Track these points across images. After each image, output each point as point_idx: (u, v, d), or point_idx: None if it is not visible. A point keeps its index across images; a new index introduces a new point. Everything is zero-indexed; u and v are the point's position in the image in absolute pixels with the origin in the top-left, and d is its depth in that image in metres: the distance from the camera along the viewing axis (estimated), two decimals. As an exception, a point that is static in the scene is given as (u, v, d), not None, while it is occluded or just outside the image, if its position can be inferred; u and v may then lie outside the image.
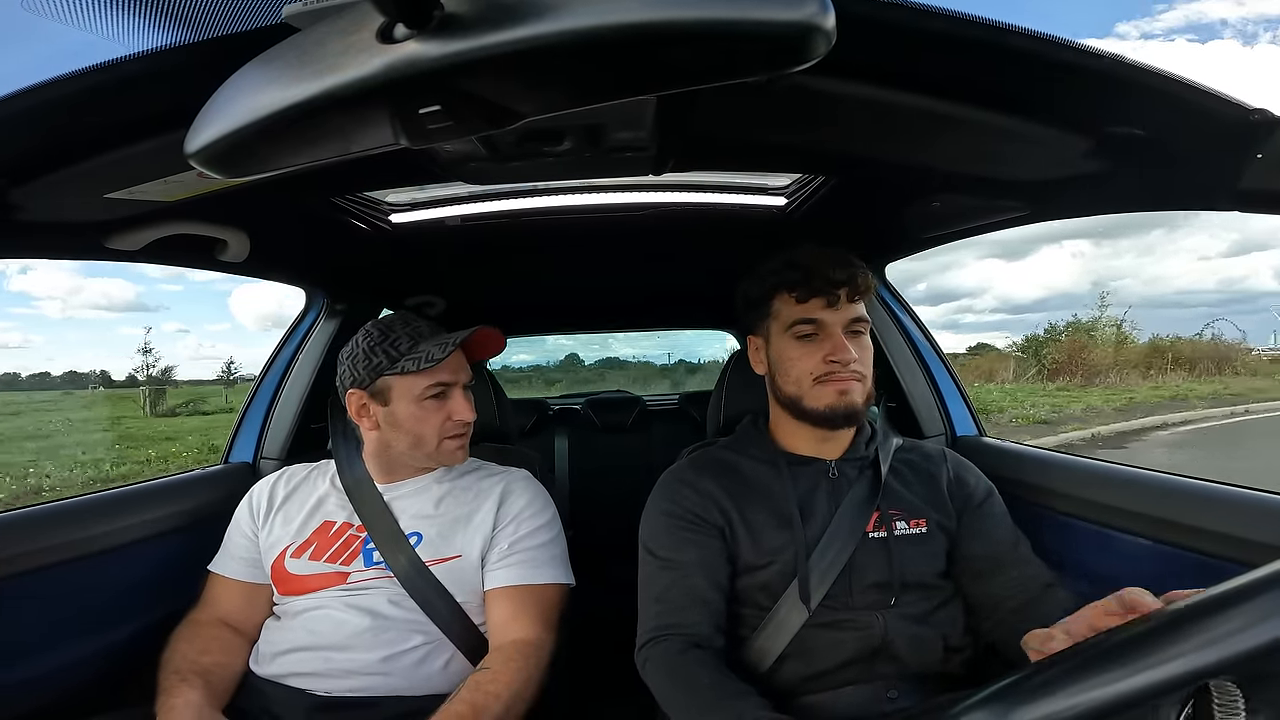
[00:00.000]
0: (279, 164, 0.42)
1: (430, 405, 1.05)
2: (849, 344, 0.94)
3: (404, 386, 1.04)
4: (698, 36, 0.32)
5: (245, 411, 1.56)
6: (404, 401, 1.04)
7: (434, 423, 1.05)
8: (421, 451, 1.07)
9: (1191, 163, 0.68)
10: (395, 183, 1.20)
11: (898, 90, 0.64)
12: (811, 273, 0.94)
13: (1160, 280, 61.57)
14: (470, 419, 1.07)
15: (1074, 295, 63.55)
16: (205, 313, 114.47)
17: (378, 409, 1.06)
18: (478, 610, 1.04)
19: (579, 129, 0.77)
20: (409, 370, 1.02)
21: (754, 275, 1.02)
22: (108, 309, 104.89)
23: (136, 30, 0.50)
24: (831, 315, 0.95)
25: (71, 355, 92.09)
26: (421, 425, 1.05)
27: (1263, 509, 0.83)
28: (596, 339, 10.19)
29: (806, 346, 0.95)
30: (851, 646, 0.89)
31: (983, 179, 0.90)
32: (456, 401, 1.06)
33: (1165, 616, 0.37)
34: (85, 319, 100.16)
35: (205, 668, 0.96)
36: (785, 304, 0.97)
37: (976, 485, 1.02)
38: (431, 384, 1.04)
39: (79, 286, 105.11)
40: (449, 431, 1.06)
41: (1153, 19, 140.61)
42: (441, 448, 1.07)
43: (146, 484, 1.30)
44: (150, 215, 0.89)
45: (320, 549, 1.05)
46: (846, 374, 0.94)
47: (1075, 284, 63.25)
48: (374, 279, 1.64)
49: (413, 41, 0.32)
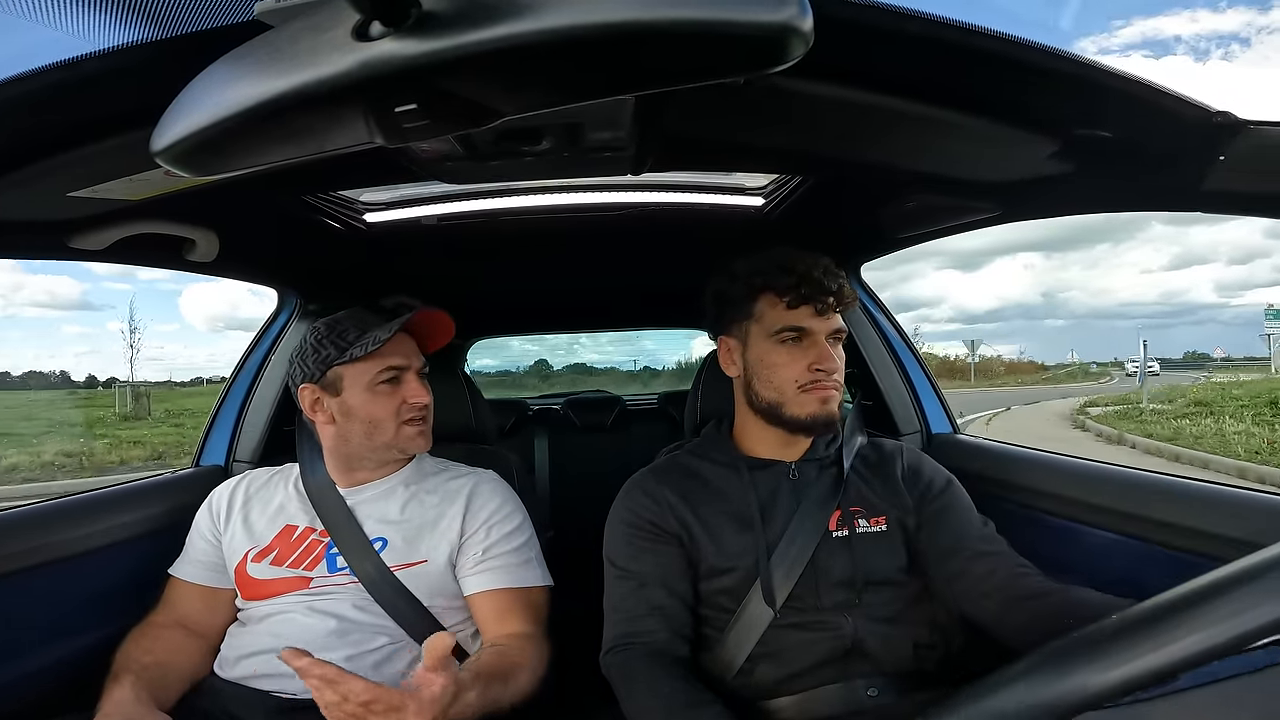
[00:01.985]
0: (249, 162, 0.41)
1: (383, 390, 1.04)
2: (831, 353, 0.94)
3: (355, 374, 1.04)
4: (676, 37, 0.32)
5: (216, 414, 1.53)
6: (356, 390, 1.04)
7: (389, 407, 1.05)
8: (380, 440, 1.05)
9: (1157, 165, 0.69)
10: (370, 182, 1.19)
11: (874, 92, 0.65)
12: (805, 279, 0.93)
13: (1106, 293, 63.52)
14: (425, 401, 1.06)
15: (1026, 305, 65.22)
16: (154, 312, 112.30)
17: (331, 401, 1.06)
18: (447, 613, 1.03)
19: (557, 128, 0.77)
20: (358, 357, 1.01)
21: (732, 275, 1.00)
22: (51, 306, 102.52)
23: (103, 27, 0.48)
24: (819, 324, 0.94)
25: (12, 354, 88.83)
26: (376, 411, 1.04)
27: (1226, 503, 0.86)
28: (563, 345, 10.17)
29: (792, 352, 0.94)
30: (823, 647, 0.89)
31: (956, 180, 0.92)
32: (410, 386, 1.06)
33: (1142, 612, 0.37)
34: (27, 317, 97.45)
35: (144, 665, 0.94)
36: (772, 307, 0.96)
37: (934, 476, 1.02)
38: (382, 368, 1.04)
39: (20, 283, 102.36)
40: (405, 415, 1.05)
41: (1110, 35, 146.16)
42: (400, 433, 1.06)
43: (116, 488, 1.27)
44: (115, 214, 0.87)
45: (282, 554, 1.04)
46: (829, 383, 0.94)
47: (1026, 294, 64.90)
48: (348, 279, 1.62)
49: (389, 39, 0.32)
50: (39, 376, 51.81)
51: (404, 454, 1.09)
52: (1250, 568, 0.36)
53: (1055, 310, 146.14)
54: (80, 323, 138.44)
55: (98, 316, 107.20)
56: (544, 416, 2.57)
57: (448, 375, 1.39)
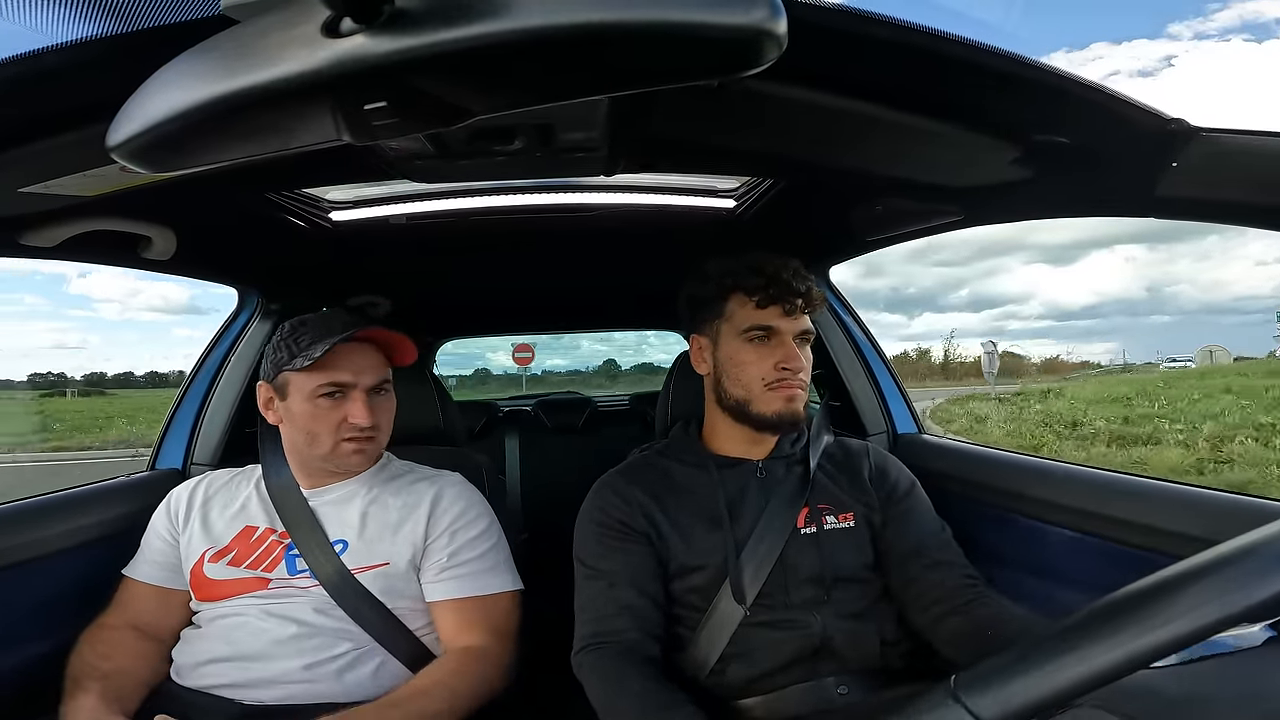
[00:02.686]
0: (211, 159, 0.40)
1: (323, 404, 1.01)
2: (798, 353, 0.96)
3: (299, 383, 1.02)
4: (650, 38, 0.32)
5: (173, 415, 1.48)
6: (298, 398, 1.02)
7: (327, 423, 1.02)
8: (317, 452, 1.03)
9: (1112, 170, 0.71)
10: (337, 180, 1.16)
11: (844, 96, 0.66)
12: (774, 280, 0.95)
13: (1219, 286, 65.20)
14: (364, 423, 1.02)
15: (1128, 300, 66.04)
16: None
17: (280, 404, 1.05)
18: (411, 615, 1.02)
19: (530, 128, 0.77)
20: (300, 367, 0.99)
21: (704, 276, 1.02)
22: (164, 311, 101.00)
23: (64, 21, 0.47)
24: (787, 324, 0.96)
25: (131, 355, 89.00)
26: (314, 424, 1.02)
27: (1185, 502, 0.88)
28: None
29: (760, 351, 0.97)
30: (792, 646, 0.90)
31: (922, 184, 0.93)
32: (354, 404, 1.02)
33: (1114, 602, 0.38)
34: (143, 320, 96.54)
35: (105, 673, 0.92)
36: (742, 307, 0.98)
37: (899, 478, 1.05)
38: (323, 383, 1.01)
39: (137, 289, 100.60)
40: (345, 434, 1.02)
41: (1206, 19, 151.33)
42: (337, 450, 1.03)
43: (69, 492, 1.22)
44: (67, 211, 0.84)
45: (241, 555, 1.02)
46: (795, 381, 0.96)
47: (1128, 289, 65.92)
48: (312, 278, 1.59)
49: (360, 36, 0.31)
50: (158, 376, 53.75)
51: (342, 470, 1.07)
52: (1188, 570, 0.37)
53: (1162, 305, 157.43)
54: (188, 326, 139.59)
55: (204, 320, 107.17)
56: (515, 418, 2.55)
57: (416, 377, 1.37)
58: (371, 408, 1.03)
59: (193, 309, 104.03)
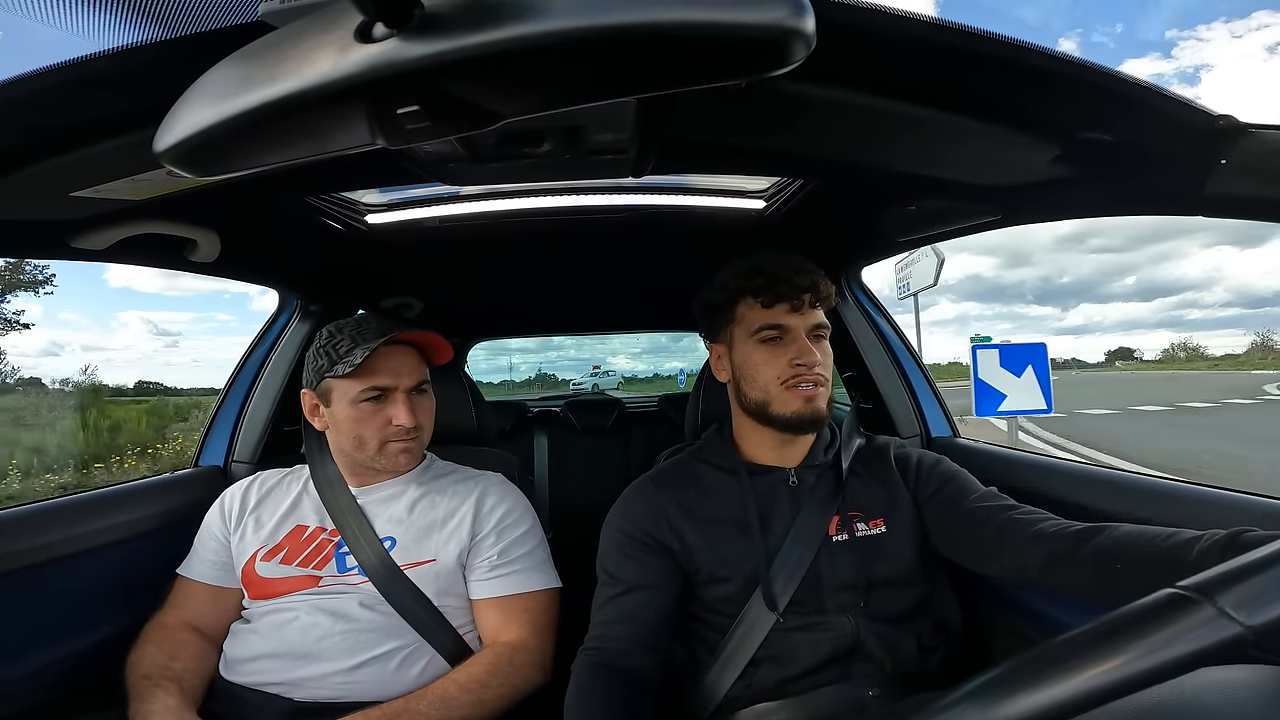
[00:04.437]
0: (252, 163, 0.41)
1: (366, 409, 1.04)
2: (812, 348, 0.95)
3: (341, 389, 1.05)
4: (678, 39, 0.32)
5: (216, 414, 1.53)
6: (342, 404, 1.05)
7: (372, 426, 1.05)
8: (364, 454, 1.06)
9: (1158, 168, 0.69)
10: (371, 183, 1.19)
11: (875, 95, 0.65)
12: (776, 278, 0.95)
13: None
14: (408, 424, 1.05)
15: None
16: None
17: (325, 410, 1.07)
18: (456, 613, 1.03)
19: (558, 131, 0.77)
20: (341, 374, 1.02)
21: (715, 285, 1.03)
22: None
23: (108, 27, 0.48)
24: (796, 320, 0.96)
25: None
26: (360, 428, 1.05)
27: (1226, 506, 0.85)
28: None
29: (773, 350, 0.96)
30: (826, 648, 0.90)
31: (958, 183, 0.92)
32: (396, 406, 1.05)
33: None
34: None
35: (177, 673, 0.94)
36: (750, 309, 0.98)
37: (921, 459, 1.04)
38: (365, 388, 1.03)
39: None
40: (391, 436, 1.05)
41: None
42: (384, 451, 1.06)
43: (115, 488, 1.27)
44: (117, 214, 0.87)
45: (292, 553, 1.04)
46: (812, 376, 0.95)
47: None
48: (349, 280, 1.62)
49: (392, 40, 0.32)
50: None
51: (390, 470, 1.09)
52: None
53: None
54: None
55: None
56: (544, 418, 2.57)
57: (449, 377, 1.39)
58: (413, 408, 1.06)
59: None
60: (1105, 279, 40.96)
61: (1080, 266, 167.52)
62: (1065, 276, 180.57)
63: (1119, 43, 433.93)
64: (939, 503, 0.98)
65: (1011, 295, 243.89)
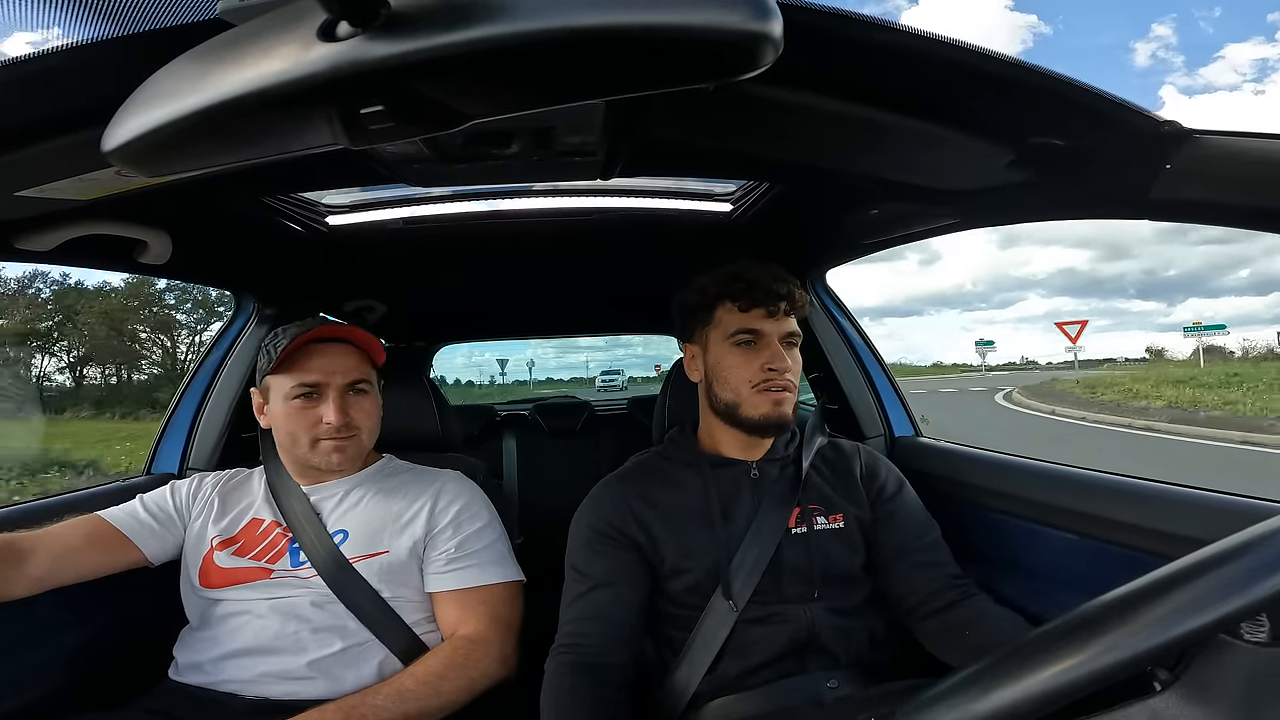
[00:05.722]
0: (205, 163, 0.39)
1: (297, 405, 1.05)
2: (784, 354, 0.99)
3: (278, 386, 1.07)
4: (647, 42, 0.32)
5: (169, 419, 1.48)
6: (278, 400, 1.07)
7: (303, 423, 1.05)
8: (299, 451, 1.07)
9: (1106, 173, 0.72)
10: (333, 184, 1.16)
11: (842, 99, 0.66)
12: (755, 284, 0.98)
13: None
14: (335, 423, 1.04)
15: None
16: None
17: (266, 407, 1.09)
18: (410, 608, 1.03)
19: (527, 132, 0.77)
20: (270, 370, 1.05)
21: (694, 287, 1.05)
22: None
23: (60, 24, 0.46)
24: (771, 326, 0.99)
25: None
26: (291, 424, 1.06)
27: (1183, 503, 0.87)
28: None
29: (746, 354, 0.99)
30: (783, 639, 0.92)
31: (919, 187, 0.94)
32: (326, 404, 1.05)
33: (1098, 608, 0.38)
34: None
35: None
36: (728, 313, 1.01)
37: (888, 477, 1.08)
38: (295, 384, 1.05)
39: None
40: (321, 434, 1.05)
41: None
42: (317, 449, 1.06)
43: (66, 496, 1.22)
44: (63, 214, 0.84)
45: (247, 546, 1.05)
46: (782, 382, 0.98)
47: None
48: (309, 283, 1.58)
49: (356, 40, 0.31)
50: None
51: (326, 468, 1.09)
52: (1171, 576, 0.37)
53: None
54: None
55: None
56: (513, 422, 2.55)
57: (412, 382, 1.36)
58: (347, 407, 1.06)
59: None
60: (1216, 272, 39.47)
61: (1188, 259, 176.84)
62: (1171, 269, 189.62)
63: (1218, 27, 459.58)
64: (889, 527, 1.02)
65: (1110, 290, 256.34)
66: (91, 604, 1.09)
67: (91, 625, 1.09)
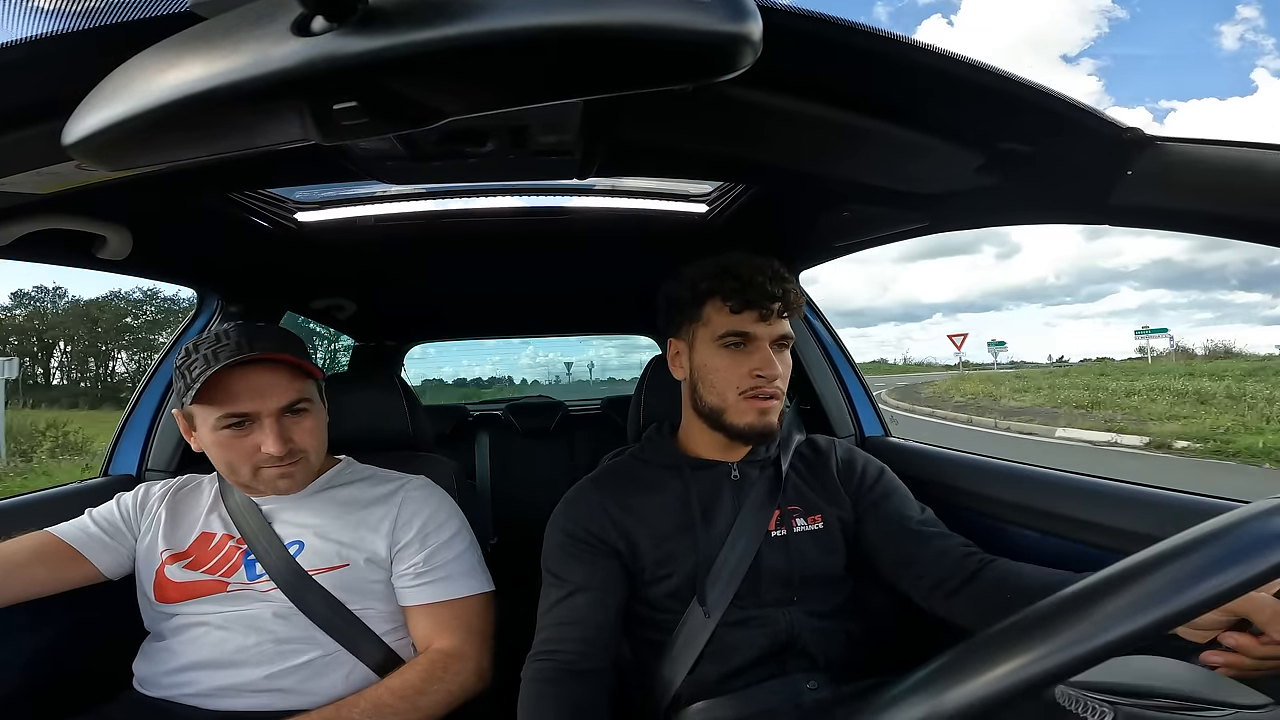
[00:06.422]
0: (171, 156, 0.38)
1: (228, 435, 0.94)
2: (774, 359, 0.95)
3: (203, 416, 0.95)
4: (626, 42, 0.32)
5: (127, 419, 1.43)
6: (205, 430, 0.96)
7: (239, 453, 0.96)
8: (240, 481, 1.00)
9: (1069, 178, 0.73)
10: (303, 179, 1.14)
11: (819, 102, 0.66)
12: (749, 284, 0.93)
13: None
14: (277, 453, 0.94)
15: None
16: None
17: (195, 434, 1.00)
18: (379, 619, 1.00)
19: (503, 130, 0.76)
20: (190, 402, 0.93)
21: (683, 279, 1.00)
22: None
23: (26, 16, 0.45)
24: (763, 329, 0.94)
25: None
26: (227, 455, 0.96)
27: (1138, 501, 0.91)
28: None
29: (735, 357, 0.95)
30: (762, 643, 0.91)
31: (890, 191, 0.95)
32: (263, 434, 0.94)
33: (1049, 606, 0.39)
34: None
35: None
36: (718, 312, 0.95)
37: (866, 467, 1.06)
38: (222, 415, 0.93)
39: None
40: (262, 463, 0.96)
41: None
42: (259, 477, 0.98)
43: (17, 499, 1.18)
44: (19, 209, 0.81)
45: (199, 560, 1.00)
46: (770, 389, 0.94)
47: None
48: (275, 280, 1.55)
49: (331, 35, 0.31)
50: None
51: (273, 493, 1.02)
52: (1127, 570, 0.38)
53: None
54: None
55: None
56: (485, 421, 2.53)
57: (384, 382, 1.34)
58: (287, 432, 0.97)
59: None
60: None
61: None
62: (1278, 259, 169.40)
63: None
64: (879, 515, 1.00)
65: (1211, 280, 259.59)
66: (52, 609, 1.05)
67: (54, 627, 1.05)
